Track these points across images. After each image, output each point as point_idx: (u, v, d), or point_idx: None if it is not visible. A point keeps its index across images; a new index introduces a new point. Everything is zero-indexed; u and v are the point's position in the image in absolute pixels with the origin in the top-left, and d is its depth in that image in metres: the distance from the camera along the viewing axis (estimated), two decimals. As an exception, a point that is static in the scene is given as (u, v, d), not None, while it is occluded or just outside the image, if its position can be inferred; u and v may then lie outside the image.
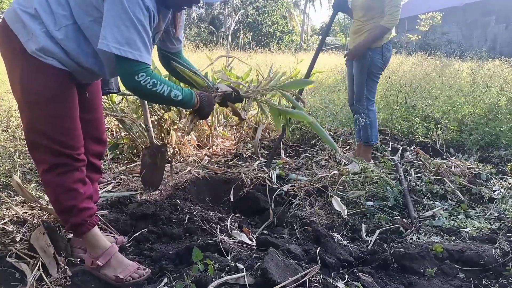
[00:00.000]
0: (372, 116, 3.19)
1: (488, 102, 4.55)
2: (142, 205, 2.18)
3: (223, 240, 1.77)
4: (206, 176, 2.82)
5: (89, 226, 1.54)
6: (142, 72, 1.36)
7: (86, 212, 1.52)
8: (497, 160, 3.26)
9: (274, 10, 27.53)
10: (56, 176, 1.47)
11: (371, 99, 3.19)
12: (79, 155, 1.52)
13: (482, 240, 1.85)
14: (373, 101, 3.22)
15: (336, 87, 8.10)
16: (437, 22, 19.52)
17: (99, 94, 1.77)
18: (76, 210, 1.50)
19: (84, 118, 1.61)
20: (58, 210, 1.53)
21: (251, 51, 12.20)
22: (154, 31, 1.49)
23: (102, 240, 1.58)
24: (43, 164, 1.47)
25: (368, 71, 3.08)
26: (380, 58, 3.07)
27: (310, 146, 3.89)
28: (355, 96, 3.21)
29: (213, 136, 3.83)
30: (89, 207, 1.55)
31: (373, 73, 3.10)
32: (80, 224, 1.52)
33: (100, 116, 1.77)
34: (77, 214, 1.50)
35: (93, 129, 1.71)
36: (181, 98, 1.48)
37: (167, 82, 1.44)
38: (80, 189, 1.51)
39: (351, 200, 2.37)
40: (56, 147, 1.45)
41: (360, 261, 1.70)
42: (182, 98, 1.49)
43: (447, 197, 2.43)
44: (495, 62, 9.89)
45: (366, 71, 3.09)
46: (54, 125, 1.44)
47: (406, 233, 2.03)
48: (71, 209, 1.49)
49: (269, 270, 1.36)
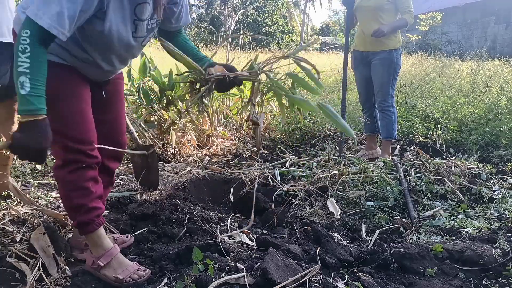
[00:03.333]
0: (395, 113, 3.41)
1: (488, 102, 4.55)
2: (142, 205, 2.18)
3: (223, 240, 1.77)
4: (206, 176, 2.82)
5: (95, 226, 1.53)
6: (28, 30, 1.16)
7: (94, 211, 1.51)
8: (497, 160, 3.26)
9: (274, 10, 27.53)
10: (68, 173, 1.46)
11: (394, 96, 3.42)
12: (92, 150, 1.50)
13: (482, 240, 1.85)
14: (394, 99, 3.45)
15: (336, 87, 8.10)
16: (437, 22, 19.50)
17: (118, 95, 1.72)
18: (85, 209, 1.49)
19: (98, 119, 1.58)
20: (67, 207, 1.54)
21: (251, 51, 12.19)
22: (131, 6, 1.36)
23: (106, 241, 1.58)
24: (58, 160, 1.48)
25: (394, 71, 3.30)
26: (400, 58, 3.33)
27: (310, 146, 3.89)
28: (381, 95, 3.34)
29: (213, 136, 3.83)
30: (98, 207, 1.54)
31: (396, 72, 3.34)
32: (87, 223, 1.51)
33: (118, 117, 1.72)
34: (85, 213, 1.49)
35: (109, 131, 1.68)
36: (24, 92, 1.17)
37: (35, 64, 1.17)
38: (91, 188, 1.50)
39: (351, 200, 2.37)
40: (69, 143, 1.44)
41: (360, 261, 1.70)
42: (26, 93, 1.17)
43: (447, 197, 2.42)
44: (495, 62, 9.88)
45: (392, 71, 3.28)
46: (64, 122, 1.43)
47: (406, 233, 2.03)
48: (80, 207, 1.49)
49: (269, 270, 1.36)
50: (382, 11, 3.21)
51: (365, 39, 3.32)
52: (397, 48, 3.28)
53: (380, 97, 3.36)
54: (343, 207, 2.32)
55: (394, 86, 3.41)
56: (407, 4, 3.20)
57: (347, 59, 3.24)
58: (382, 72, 3.29)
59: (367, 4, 3.22)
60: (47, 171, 2.88)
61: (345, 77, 3.24)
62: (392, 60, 3.27)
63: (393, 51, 3.27)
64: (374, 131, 3.60)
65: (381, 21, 3.22)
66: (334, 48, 24.55)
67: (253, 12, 27.56)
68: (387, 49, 3.26)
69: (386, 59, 3.27)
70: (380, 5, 3.19)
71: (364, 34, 3.31)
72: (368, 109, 3.56)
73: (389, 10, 3.22)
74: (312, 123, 4.28)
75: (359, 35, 3.37)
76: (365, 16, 3.26)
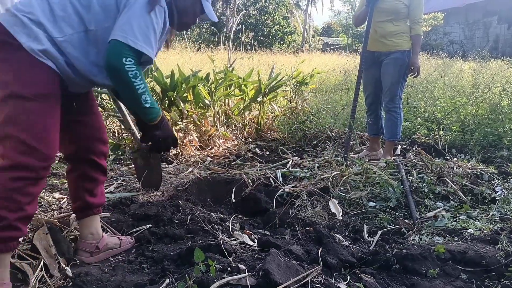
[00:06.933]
0: (401, 114, 3.40)
1: (490, 103, 4.53)
2: (144, 206, 2.18)
3: (225, 241, 1.77)
4: (208, 177, 2.82)
5: (6, 248, 1.34)
6: (131, 58, 1.36)
7: (14, 232, 1.34)
8: (499, 161, 3.25)
9: (275, 10, 27.52)
10: (9, 179, 1.31)
11: (401, 98, 3.40)
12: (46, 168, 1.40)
13: (485, 240, 1.84)
14: (402, 101, 3.43)
15: (338, 87, 8.10)
16: (439, 23, 19.49)
17: (90, 95, 1.72)
18: (6, 224, 1.31)
19: (82, 121, 1.62)
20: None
21: (252, 52, 12.20)
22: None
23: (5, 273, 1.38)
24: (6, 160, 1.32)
25: (404, 72, 3.29)
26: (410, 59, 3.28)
27: (312, 146, 3.89)
28: (389, 95, 3.33)
29: (215, 136, 3.83)
30: (20, 228, 1.35)
31: (407, 73, 3.33)
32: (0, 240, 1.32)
33: (98, 116, 1.74)
34: (3, 229, 1.31)
35: (94, 130, 1.69)
36: (148, 105, 1.47)
37: (144, 82, 1.44)
38: (24, 206, 1.33)
39: (353, 201, 2.37)
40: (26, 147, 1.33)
41: (362, 262, 1.69)
42: (150, 105, 1.47)
43: (449, 197, 2.42)
44: (497, 62, 9.86)
45: (402, 72, 3.28)
46: (35, 122, 1.35)
47: (408, 234, 2.03)
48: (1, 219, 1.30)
49: (270, 271, 1.36)
50: (397, 14, 3.22)
51: (377, 40, 3.31)
52: (410, 49, 3.26)
53: (387, 97, 3.35)
54: (345, 208, 2.32)
55: (403, 87, 3.40)
56: (419, 14, 3.22)
57: (364, 58, 3.23)
58: (393, 72, 3.27)
59: (384, 6, 3.22)
60: (50, 172, 2.88)
61: (360, 77, 3.25)
62: (404, 60, 3.25)
63: (406, 52, 3.25)
64: (379, 134, 3.59)
65: (393, 23, 3.24)
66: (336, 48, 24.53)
67: (254, 13, 27.55)
68: (400, 50, 3.25)
69: (398, 59, 3.25)
70: (396, 9, 3.21)
71: (376, 35, 3.31)
72: (373, 111, 3.54)
73: (404, 14, 3.23)
74: (314, 124, 4.28)
75: (372, 36, 3.32)
76: (379, 17, 3.25)
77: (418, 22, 3.24)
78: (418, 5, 3.22)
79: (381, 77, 3.36)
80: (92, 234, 1.75)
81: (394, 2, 3.21)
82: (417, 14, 3.23)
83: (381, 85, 3.38)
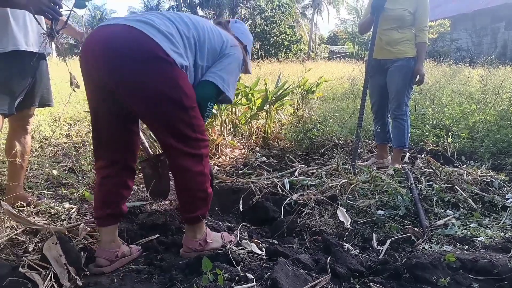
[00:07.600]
0: (408, 122, 3.40)
1: (499, 109, 4.50)
2: (152, 215, 2.19)
3: (233, 250, 1.76)
4: (215, 186, 2.83)
5: None
6: (214, 101, 1.82)
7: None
8: (509, 168, 3.21)
9: (282, 20, 27.72)
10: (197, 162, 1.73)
11: (408, 105, 3.39)
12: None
13: (496, 249, 1.82)
14: (409, 108, 3.42)
15: (345, 95, 8.09)
16: (446, 29, 19.45)
17: None
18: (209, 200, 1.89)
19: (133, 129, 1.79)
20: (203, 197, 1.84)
21: (259, 61, 12.27)
22: None
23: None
24: None
25: (410, 79, 3.29)
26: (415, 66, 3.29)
27: (319, 155, 3.88)
28: (395, 103, 3.33)
29: (222, 145, 3.85)
30: None
31: (413, 81, 3.32)
32: None
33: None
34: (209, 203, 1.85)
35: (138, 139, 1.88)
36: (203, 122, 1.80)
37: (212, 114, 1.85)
38: None
39: (361, 209, 2.35)
40: None
41: (371, 271, 1.68)
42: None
43: (459, 205, 2.39)
44: (506, 69, 9.80)
45: (408, 80, 3.28)
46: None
47: (418, 242, 2.00)
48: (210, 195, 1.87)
49: (279, 280, 1.36)
50: (402, 22, 3.23)
51: (382, 47, 3.32)
52: (415, 57, 3.26)
53: (394, 104, 3.34)
54: (353, 216, 2.31)
55: (410, 95, 3.39)
56: (424, 21, 3.22)
57: (370, 65, 3.25)
58: (398, 80, 3.27)
59: (390, 14, 3.23)
60: (59, 182, 2.92)
61: (366, 84, 3.26)
62: (410, 67, 3.25)
63: (411, 59, 3.25)
64: (386, 141, 3.58)
65: (399, 30, 3.25)
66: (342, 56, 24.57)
67: (261, 22, 27.78)
68: (405, 57, 3.25)
69: (404, 66, 3.25)
70: (402, 16, 3.22)
71: (382, 42, 3.32)
72: (380, 118, 3.54)
73: (409, 22, 3.23)
74: (321, 132, 4.27)
75: (377, 43, 3.33)
76: (385, 24, 3.26)
77: (424, 30, 3.24)
78: (423, 12, 3.22)
79: (387, 85, 3.35)
80: (114, 241, 1.77)
81: (399, 10, 3.22)
82: (423, 22, 3.23)
83: (387, 93, 3.38)
